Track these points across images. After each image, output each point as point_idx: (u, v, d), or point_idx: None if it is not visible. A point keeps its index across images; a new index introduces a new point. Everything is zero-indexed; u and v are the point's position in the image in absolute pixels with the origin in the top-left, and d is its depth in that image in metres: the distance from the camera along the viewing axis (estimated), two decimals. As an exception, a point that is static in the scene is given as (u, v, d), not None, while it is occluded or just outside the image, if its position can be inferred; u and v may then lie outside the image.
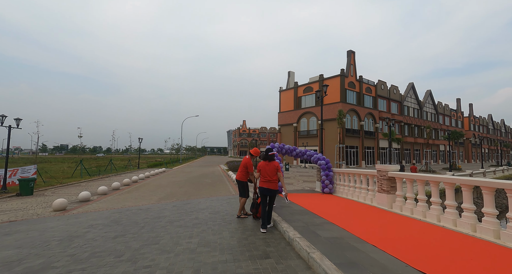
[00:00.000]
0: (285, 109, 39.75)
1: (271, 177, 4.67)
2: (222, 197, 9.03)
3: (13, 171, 11.37)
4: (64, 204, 7.40)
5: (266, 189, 4.65)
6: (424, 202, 4.95)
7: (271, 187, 4.64)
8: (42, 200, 9.21)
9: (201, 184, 13.92)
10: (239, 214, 5.57)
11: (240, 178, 5.61)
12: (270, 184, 4.64)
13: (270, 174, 4.71)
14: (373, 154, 35.76)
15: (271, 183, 4.65)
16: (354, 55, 33.41)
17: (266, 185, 4.66)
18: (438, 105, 49.81)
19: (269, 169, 4.77)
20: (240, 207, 5.58)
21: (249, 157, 5.81)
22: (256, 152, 5.77)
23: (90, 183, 14.48)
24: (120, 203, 8.42)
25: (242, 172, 5.60)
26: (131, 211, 6.56)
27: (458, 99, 58.16)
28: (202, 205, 7.29)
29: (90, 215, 6.34)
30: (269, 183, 4.65)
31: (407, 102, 42.24)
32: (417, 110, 44.56)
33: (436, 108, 48.87)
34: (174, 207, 6.98)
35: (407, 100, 42.11)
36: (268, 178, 4.69)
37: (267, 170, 4.73)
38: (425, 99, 46.44)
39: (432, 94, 47.97)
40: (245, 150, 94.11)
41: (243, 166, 5.63)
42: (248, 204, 6.70)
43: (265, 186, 4.66)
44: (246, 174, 5.66)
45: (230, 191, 11.29)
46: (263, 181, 4.76)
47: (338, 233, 3.77)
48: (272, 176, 4.69)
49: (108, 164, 21.92)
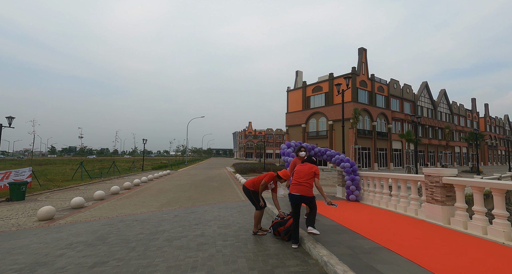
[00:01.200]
0: (293, 110, 38.51)
1: (307, 181, 3.75)
2: (231, 204, 7.93)
3: (5, 174, 10.53)
4: (50, 213, 6.42)
5: (299, 196, 3.69)
6: (505, 219, 3.72)
7: (304, 192, 3.67)
8: (31, 206, 8.29)
9: (207, 187, 12.87)
10: (255, 230, 4.45)
11: (250, 186, 4.45)
12: (303, 188, 3.70)
13: (305, 176, 3.78)
14: (386, 155, 34.15)
15: (305, 187, 3.71)
16: (365, 53, 32.05)
17: (299, 190, 3.70)
18: (453, 105, 47.76)
19: (306, 170, 3.85)
20: (256, 221, 4.47)
21: (275, 175, 4.50)
22: (286, 175, 4.40)
23: (89, 186, 13.60)
24: (115, 211, 7.41)
25: (257, 182, 4.43)
26: (124, 223, 5.52)
27: (473, 99, 55.81)
28: (209, 214, 6.19)
29: (76, 227, 5.32)
30: (302, 187, 3.71)
31: (421, 102, 40.47)
32: (431, 111, 42.67)
33: (451, 109, 46.82)
34: (176, 218, 5.90)
35: (420, 100, 40.34)
36: (302, 180, 3.75)
37: (303, 170, 3.87)
38: (439, 99, 44.51)
39: (447, 94, 45.99)
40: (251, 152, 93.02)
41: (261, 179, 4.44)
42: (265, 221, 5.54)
43: (298, 192, 3.70)
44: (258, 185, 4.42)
45: (239, 196, 10.20)
46: (295, 184, 3.77)
47: (410, 270, 2.59)
48: (308, 179, 3.76)
49: (111, 166, 21.12)
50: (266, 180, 4.39)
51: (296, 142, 8.52)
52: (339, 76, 32.08)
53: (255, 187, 4.44)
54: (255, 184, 4.47)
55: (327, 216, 5.33)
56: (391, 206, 6.10)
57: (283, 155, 7.97)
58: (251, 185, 4.49)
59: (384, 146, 34.01)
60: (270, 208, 6.00)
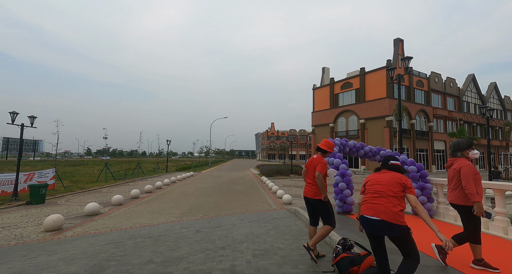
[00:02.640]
0: (320, 108, 36.35)
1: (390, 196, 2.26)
2: (262, 215, 6.59)
3: (29, 175, 10.28)
4: (57, 223, 5.58)
5: (378, 222, 2.18)
6: None
7: (388, 216, 2.15)
8: (47, 211, 7.68)
9: (232, 192, 11.69)
10: (311, 247, 3.19)
11: (317, 194, 3.26)
12: (384, 209, 2.20)
13: (388, 192, 2.26)
14: (427, 157, 30.59)
15: (386, 208, 2.19)
16: (402, 44, 29.04)
17: (376, 211, 2.23)
18: (505, 100, 41.97)
19: (387, 182, 2.33)
20: (318, 239, 3.21)
21: (318, 156, 3.40)
22: (329, 145, 3.45)
23: (112, 188, 13.14)
24: (131, 220, 6.44)
25: (316, 182, 3.25)
26: (135, 241, 4.42)
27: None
28: (238, 230, 4.90)
29: (76, 245, 4.32)
30: (382, 207, 2.22)
31: (467, 97, 35.96)
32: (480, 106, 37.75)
33: (503, 104, 41.15)
34: (198, 234, 4.69)
35: (466, 94, 35.85)
36: (381, 197, 2.27)
37: (382, 180, 2.38)
38: (488, 94, 39.34)
39: (498, 88, 40.50)
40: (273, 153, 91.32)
41: (313, 171, 3.33)
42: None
43: (374, 215, 2.22)
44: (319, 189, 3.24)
45: (269, 203, 8.83)
46: (371, 203, 2.31)
47: None
48: (392, 195, 2.24)
49: (135, 168, 20.99)
50: (320, 169, 3.19)
51: (341, 140, 6.96)
52: (371, 70, 29.43)
53: (318, 191, 3.24)
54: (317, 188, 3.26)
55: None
56: (488, 228, 4.34)
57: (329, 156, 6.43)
58: (315, 191, 3.27)
59: (425, 146, 30.52)
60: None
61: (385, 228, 2.17)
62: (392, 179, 2.33)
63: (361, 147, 7.06)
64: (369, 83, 29.65)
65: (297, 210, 6.49)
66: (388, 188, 2.29)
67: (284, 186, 14.02)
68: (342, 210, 5.80)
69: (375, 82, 28.87)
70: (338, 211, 5.84)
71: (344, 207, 5.76)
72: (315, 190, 3.26)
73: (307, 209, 3.49)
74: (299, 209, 6.65)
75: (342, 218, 5.42)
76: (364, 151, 7.04)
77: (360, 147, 7.05)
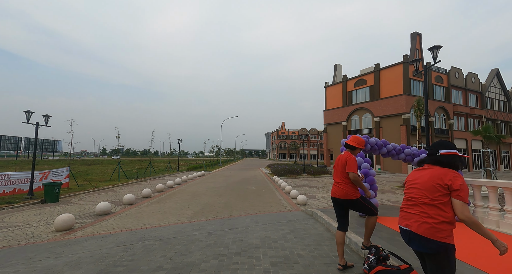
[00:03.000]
0: (332, 107, 35.48)
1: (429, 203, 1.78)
2: (276, 216, 6.24)
3: (44, 174, 10.41)
4: (68, 222, 5.46)
5: (411, 236, 1.81)
6: None
7: (422, 231, 1.73)
8: (61, 209, 7.66)
9: (243, 191, 11.39)
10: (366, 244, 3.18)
11: (348, 194, 2.94)
12: (417, 222, 1.78)
13: (422, 198, 1.81)
14: (447, 156, 29.09)
15: (423, 218, 1.76)
16: (420, 38, 27.75)
17: (408, 223, 1.84)
18: (533, 95, 39.38)
19: (423, 185, 1.84)
20: (370, 232, 3.14)
21: (346, 153, 3.06)
22: (359, 141, 3.10)
23: (125, 187, 13.18)
24: (141, 220, 6.26)
25: (346, 181, 2.96)
26: (144, 243, 4.18)
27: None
28: (253, 233, 4.57)
29: (84, 247, 4.13)
30: (415, 217, 1.81)
31: (490, 92, 33.98)
32: (504, 103, 35.62)
33: (530, 100, 38.64)
34: (210, 238, 4.40)
35: (490, 90, 33.87)
36: (416, 206, 1.84)
37: (418, 185, 1.88)
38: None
39: (524, 82, 38.02)
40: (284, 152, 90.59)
41: (342, 170, 2.99)
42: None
43: (407, 225, 1.84)
44: (352, 184, 2.95)
45: (283, 204, 8.46)
46: (405, 211, 1.90)
47: None
48: (431, 201, 1.76)
49: (147, 167, 21.15)
50: (354, 169, 2.88)
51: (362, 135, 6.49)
52: (386, 66, 28.32)
53: (354, 190, 2.95)
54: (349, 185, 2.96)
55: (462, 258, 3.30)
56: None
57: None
58: (352, 191, 2.95)
59: (444, 145, 29.06)
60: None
61: (418, 242, 1.74)
62: (431, 180, 1.78)
63: (383, 144, 6.56)
64: (384, 80, 28.56)
65: (315, 212, 6.08)
66: (423, 193, 1.80)
67: (297, 186, 13.59)
68: (365, 213, 5.34)
69: (391, 78, 27.76)
70: (361, 214, 5.39)
71: (367, 209, 5.30)
72: (346, 189, 2.93)
73: (336, 211, 3.12)
74: (317, 210, 6.24)
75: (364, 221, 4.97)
76: (387, 149, 6.53)
77: (382, 144, 6.55)
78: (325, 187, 13.56)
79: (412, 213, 1.83)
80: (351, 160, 2.91)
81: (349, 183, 2.94)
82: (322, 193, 11.28)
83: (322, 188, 13.13)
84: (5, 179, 9.03)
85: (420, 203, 1.79)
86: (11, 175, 9.25)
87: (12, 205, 8.13)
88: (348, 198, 2.91)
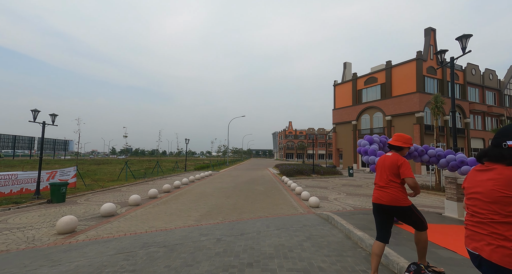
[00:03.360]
0: (342, 105, 34.69)
1: (496, 229, 1.28)
2: (288, 220, 5.84)
3: (51, 174, 10.33)
4: (70, 225, 5.21)
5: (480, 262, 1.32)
6: None
7: (496, 259, 1.23)
8: (66, 210, 7.48)
9: (252, 192, 11.02)
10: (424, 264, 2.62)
11: (398, 200, 2.53)
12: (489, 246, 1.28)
13: (490, 214, 1.30)
14: (463, 157, 27.94)
15: (493, 241, 1.27)
16: (434, 34, 26.69)
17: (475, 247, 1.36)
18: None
19: (488, 194, 1.31)
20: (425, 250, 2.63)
21: (394, 155, 2.65)
22: (405, 139, 2.69)
23: (132, 187, 13.03)
24: (147, 223, 5.97)
25: (394, 185, 2.55)
26: (147, 250, 3.86)
27: None
28: (265, 240, 4.18)
29: (84, 253, 3.84)
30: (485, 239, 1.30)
31: (510, 90, 32.45)
32: (524, 100, 33.96)
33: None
34: (219, 244, 4.04)
35: (509, 87, 32.36)
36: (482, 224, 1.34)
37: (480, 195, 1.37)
38: (534, 86, 35.28)
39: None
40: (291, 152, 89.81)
41: (389, 173, 2.58)
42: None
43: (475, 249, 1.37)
44: (402, 188, 2.55)
45: (294, 206, 8.04)
46: (470, 229, 1.42)
47: None
48: (502, 227, 1.25)
49: (155, 166, 21.07)
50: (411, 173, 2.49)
51: (380, 136, 6.01)
52: (399, 63, 27.40)
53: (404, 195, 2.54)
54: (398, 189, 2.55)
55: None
56: None
57: (366, 154, 5.52)
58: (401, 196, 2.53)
59: (460, 145, 27.92)
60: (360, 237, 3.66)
61: (493, 272, 1.29)
62: (497, 188, 1.30)
63: (426, 150, 6.02)
64: (396, 78, 27.64)
65: (330, 216, 5.64)
66: (490, 207, 1.32)
67: (306, 187, 13.12)
68: (388, 218, 4.86)
69: (403, 76, 26.82)
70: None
71: (390, 214, 4.81)
72: (395, 194, 2.52)
73: (377, 220, 2.68)
74: (332, 214, 5.79)
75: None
76: (418, 151, 6.00)
77: (420, 149, 6.01)
78: (336, 188, 13.03)
79: (480, 233, 1.36)
80: (405, 164, 2.52)
81: (399, 187, 2.52)
82: (334, 194, 10.78)
83: (333, 189, 12.62)
84: (13, 179, 8.95)
85: (489, 220, 1.32)
86: (18, 174, 9.17)
87: (18, 205, 8.02)
88: (398, 204, 2.49)
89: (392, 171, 2.54)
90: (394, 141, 2.70)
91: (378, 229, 2.67)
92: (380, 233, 2.62)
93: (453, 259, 2.96)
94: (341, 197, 10.13)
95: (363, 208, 7.67)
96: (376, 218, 2.69)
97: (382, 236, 2.59)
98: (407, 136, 2.69)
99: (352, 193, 11.16)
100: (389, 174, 2.56)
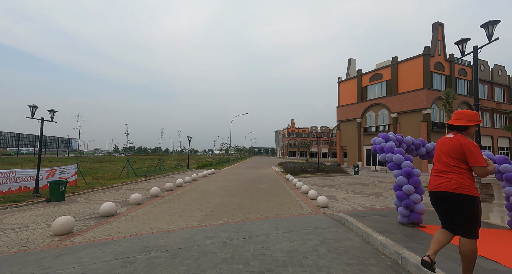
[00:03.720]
0: (346, 103, 34.15)
1: None
2: (297, 220, 5.49)
3: (51, 171, 10.06)
4: (67, 226, 4.90)
5: None
6: None
7: None
8: (64, 210, 7.20)
9: (257, 191, 10.68)
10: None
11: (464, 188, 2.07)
12: None
13: None
14: (470, 155, 27.32)
15: None
16: (442, 29, 25.99)
17: None
18: None
19: None
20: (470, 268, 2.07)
21: (457, 136, 2.18)
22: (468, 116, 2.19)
23: (133, 185, 12.75)
24: (148, 223, 5.65)
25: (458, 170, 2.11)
26: (148, 255, 3.52)
27: None
28: (276, 245, 3.82)
29: (79, 258, 3.52)
30: None
31: (519, 86, 31.64)
32: (533, 97, 33.12)
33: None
34: (225, 249, 3.69)
35: (518, 83, 31.56)
36: None
37: None
38: (544, 82, 34.39)
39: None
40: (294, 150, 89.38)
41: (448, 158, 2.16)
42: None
43: None
44: (469, 174, 2.11)
45: (301, 205, 7.68)
46: None
47: None
48: None
49: (157, 164, 20.81)
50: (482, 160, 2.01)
51: (396, 134, 5.60)
52: (405, 59, 26.77)
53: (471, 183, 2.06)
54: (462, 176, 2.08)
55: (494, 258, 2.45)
56: None
57: (382, 152, 5.13)
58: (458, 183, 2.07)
59: (468, 143, 27.30)
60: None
61: None
62: None
63: (421, 144, 5.61)
64: (402, 74, 27.03)
65: (343, 217, 5.26)
66: None
67: (312, 185, 12.75)
68: (409, 220, 4.48)
69: (410, 72, 26.21)
70: (403, 221, 4.53)
71: (411, 216, 4.43)
72: (460, 180, 2.07)
73: (438, 209, 2.27)
74: (345, 215, 5.42)
75: (411, 232, 4.12)
76: (426, 149, 5.58)
77: (420, 144, 5.60)
78: (343, 186, 12.65)
79: None
80: (473, 148, 2.05)
81: (465, 173, 2.09)
82: (341, 193, 10.40)
83: (340, 187, 12.23)
84: (11, 177, 8.68)
85: None
86: (17, 172, 8.91)
87: (16, 203, 7.75)
88: (463, 192, 2.04)
89: (455, 156, 2.12)
90: (454, 120, 2.24)
91: (441, 219, 2.28)
92: (445, 222, 2.23)
93: (498, 271, 2.57)
94: (349, 196, 9.75)
95: (374, 208, 7.29)
96: (437, 209, 2.29)
97: (448, 225, 2.20)
98: (472, 112, 2.23)
99: (360, 192, 10.77)
100: (451, 159, 2.14)
